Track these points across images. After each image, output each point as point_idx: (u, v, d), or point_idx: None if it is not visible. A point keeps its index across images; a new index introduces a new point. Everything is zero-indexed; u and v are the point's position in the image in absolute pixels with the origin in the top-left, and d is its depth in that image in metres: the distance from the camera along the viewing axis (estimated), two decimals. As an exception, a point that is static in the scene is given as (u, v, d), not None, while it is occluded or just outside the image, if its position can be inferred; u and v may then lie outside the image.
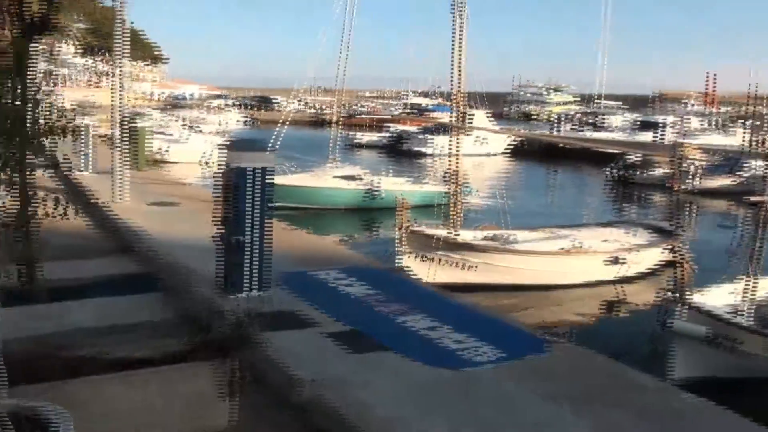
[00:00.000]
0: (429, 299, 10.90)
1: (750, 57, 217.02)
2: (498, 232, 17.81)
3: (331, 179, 26.64)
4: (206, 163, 36.88)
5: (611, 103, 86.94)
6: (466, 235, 17.27)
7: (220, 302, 8.76)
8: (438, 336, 8.91)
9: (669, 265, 18.23)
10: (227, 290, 9.80)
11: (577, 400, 7.24)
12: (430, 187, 26.38)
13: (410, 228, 15.66)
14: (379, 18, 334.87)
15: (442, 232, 16.37)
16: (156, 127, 42.52)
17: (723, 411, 7.35)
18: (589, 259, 17.01)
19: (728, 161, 38.43)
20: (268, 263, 10.00)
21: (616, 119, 68.84)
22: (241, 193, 9.73)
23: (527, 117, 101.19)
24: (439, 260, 15.97)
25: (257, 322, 6.61)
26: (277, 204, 25.12)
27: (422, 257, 15.85)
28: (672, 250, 18.47)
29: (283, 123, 27.41)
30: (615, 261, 17.03)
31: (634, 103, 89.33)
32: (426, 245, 15.82)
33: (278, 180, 25.54)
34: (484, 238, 17.57)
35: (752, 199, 12.50)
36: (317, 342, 8.35)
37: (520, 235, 18.01)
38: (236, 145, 10.58)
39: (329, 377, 7.16)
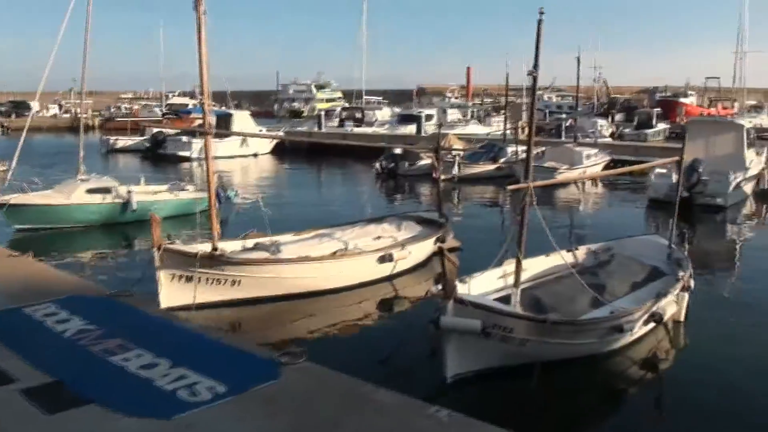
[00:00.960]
0: (151, 328, 9.73)
1: (505, 53, 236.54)
2: (262, 240, 16.62)
3: (80, 194, 23.94)
4: None
5: (373, 98, 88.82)
6: (229, 246, 15.78)
7: None
8: (153, 375, 7.78)
9: (437, 254, 18.22)
10: None
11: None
12: (190, 194, 24.67)
13: (164, 246, 13.95)
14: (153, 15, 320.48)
15: (199, 248, 14.63)
16: None
17: (468, 422, 6.95)
18: (356, 260, 16.29)
19: (491, 148, 40.07)
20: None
21: (382, 113, 70.27)
22: None
23: (296, 114, 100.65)
24: (201, 279, 14.26)
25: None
26: (22, 227, 22.60)
27: (183, 277, 14.05)
28: (438, 241, 18.42)
29: (30, 130, 24.48)
30: (383, 259, 16.43)
31: (396, 97, 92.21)
32: (185, 263, 14.07)
33: (20, 200, 22.98)
34: (249, 248, 16.32)
35: (513, 187, 12.46)
36: (6, 404, 6.89)
37: (286, 240, 17.03)
38: None
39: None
